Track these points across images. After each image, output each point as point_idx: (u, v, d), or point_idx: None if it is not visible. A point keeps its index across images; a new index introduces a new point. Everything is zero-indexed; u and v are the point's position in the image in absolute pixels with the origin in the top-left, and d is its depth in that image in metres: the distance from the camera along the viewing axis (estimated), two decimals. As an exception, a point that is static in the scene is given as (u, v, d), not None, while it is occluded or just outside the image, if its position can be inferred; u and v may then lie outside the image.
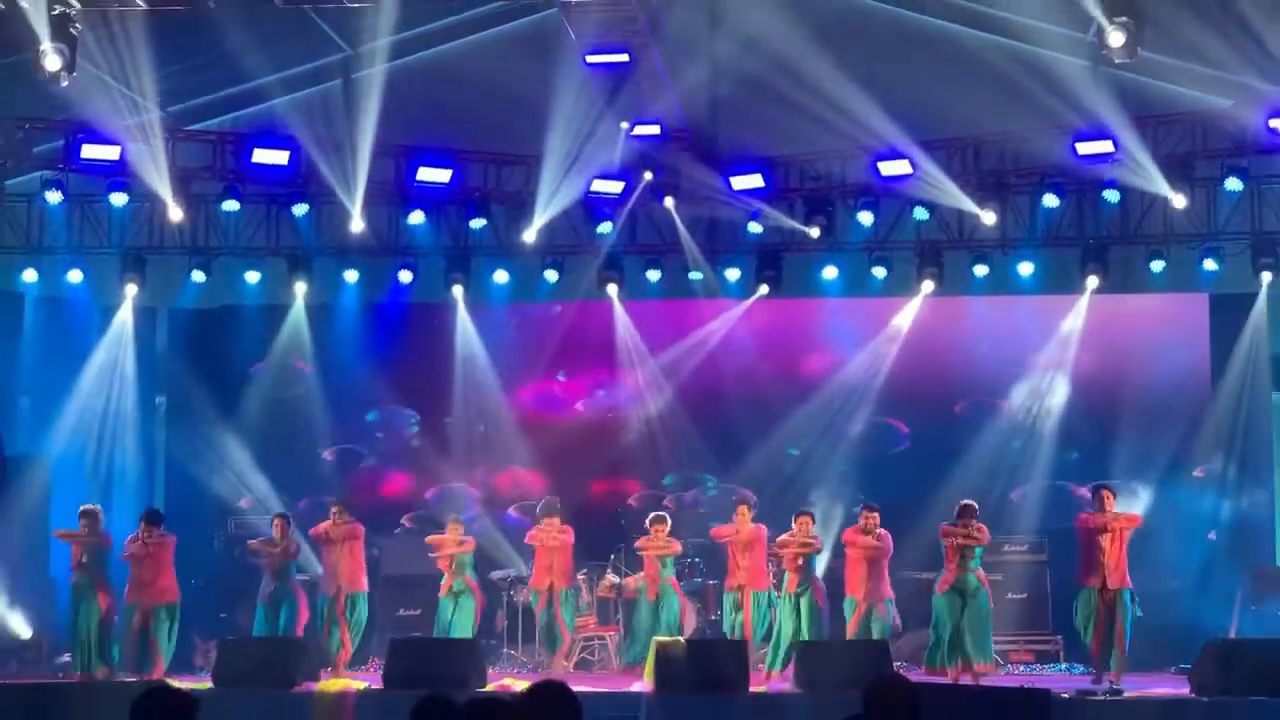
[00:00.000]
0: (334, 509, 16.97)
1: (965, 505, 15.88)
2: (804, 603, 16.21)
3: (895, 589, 16.39)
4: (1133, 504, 17.51)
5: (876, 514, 16.36)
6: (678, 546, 17.24)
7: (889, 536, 16.25)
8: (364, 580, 16.85)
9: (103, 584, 16.03)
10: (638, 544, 17.29)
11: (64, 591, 16.84)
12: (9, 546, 17.71)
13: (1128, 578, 15.47)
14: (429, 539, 17.53)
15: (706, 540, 17.79)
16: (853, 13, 17.12)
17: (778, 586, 16.68)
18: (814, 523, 16.76)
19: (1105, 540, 15.41)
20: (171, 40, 17.24)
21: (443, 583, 17.13)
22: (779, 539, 16.60)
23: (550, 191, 18.66)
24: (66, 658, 16.53)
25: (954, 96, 17.99)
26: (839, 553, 16.81)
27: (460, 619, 16.95)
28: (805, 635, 16.03)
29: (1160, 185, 17.74)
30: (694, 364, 19.99)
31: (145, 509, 16.91)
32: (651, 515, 17.42)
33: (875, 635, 15.86)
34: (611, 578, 18.11)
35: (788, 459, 19.67)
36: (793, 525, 16.53)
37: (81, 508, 16.37)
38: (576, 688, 6.28)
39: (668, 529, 17.18)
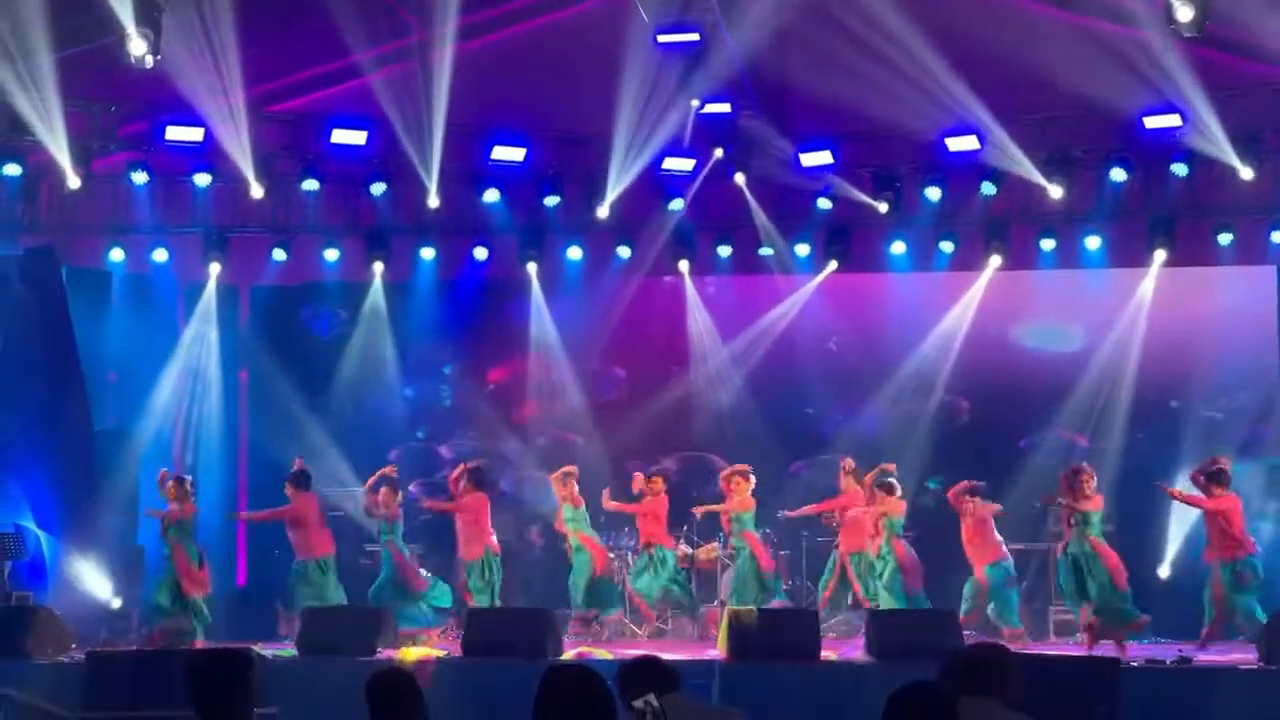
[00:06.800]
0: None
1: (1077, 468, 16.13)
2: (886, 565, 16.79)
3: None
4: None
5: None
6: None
7: (985, 507, 16.90)
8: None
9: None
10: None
11: (152, 561, 17.36)
12: (99, 518, 18.15)
13: None
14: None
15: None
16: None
17: None
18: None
19: (1235, 515, 15.72)
20: (252, 23, 17.56)
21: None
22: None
23: (622, 169, 18.89)
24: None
25: (1021, 71, 18.08)
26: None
27: (575, 577, 17.68)
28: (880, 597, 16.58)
29: (1229, 157, 17.73)
30: (766, 339, 20.28)
31: (293, 472, 17.57)
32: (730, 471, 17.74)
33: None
34: (684, 547, 18.37)
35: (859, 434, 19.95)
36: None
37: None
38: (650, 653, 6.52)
39: (751, 485, 17.51)
